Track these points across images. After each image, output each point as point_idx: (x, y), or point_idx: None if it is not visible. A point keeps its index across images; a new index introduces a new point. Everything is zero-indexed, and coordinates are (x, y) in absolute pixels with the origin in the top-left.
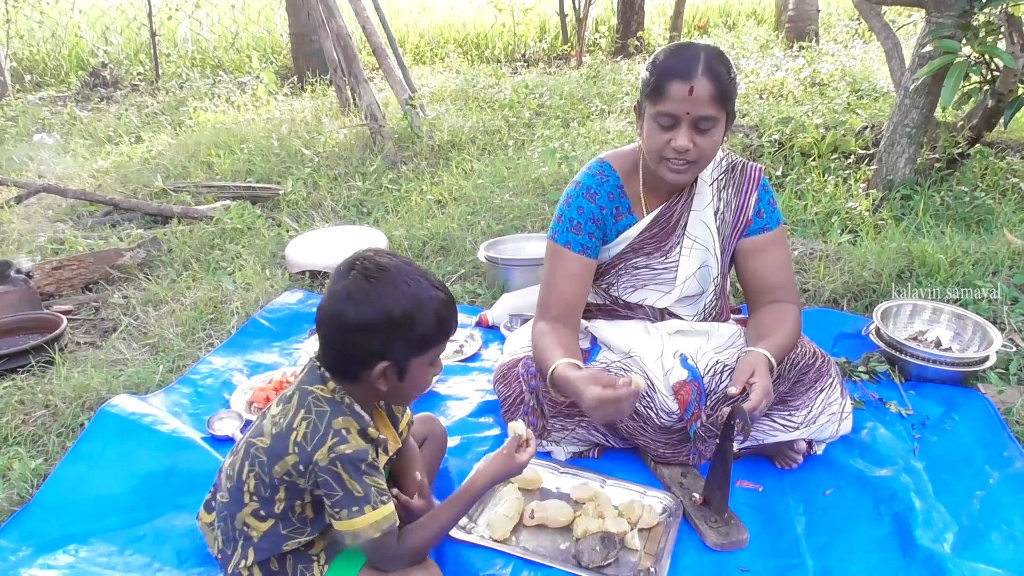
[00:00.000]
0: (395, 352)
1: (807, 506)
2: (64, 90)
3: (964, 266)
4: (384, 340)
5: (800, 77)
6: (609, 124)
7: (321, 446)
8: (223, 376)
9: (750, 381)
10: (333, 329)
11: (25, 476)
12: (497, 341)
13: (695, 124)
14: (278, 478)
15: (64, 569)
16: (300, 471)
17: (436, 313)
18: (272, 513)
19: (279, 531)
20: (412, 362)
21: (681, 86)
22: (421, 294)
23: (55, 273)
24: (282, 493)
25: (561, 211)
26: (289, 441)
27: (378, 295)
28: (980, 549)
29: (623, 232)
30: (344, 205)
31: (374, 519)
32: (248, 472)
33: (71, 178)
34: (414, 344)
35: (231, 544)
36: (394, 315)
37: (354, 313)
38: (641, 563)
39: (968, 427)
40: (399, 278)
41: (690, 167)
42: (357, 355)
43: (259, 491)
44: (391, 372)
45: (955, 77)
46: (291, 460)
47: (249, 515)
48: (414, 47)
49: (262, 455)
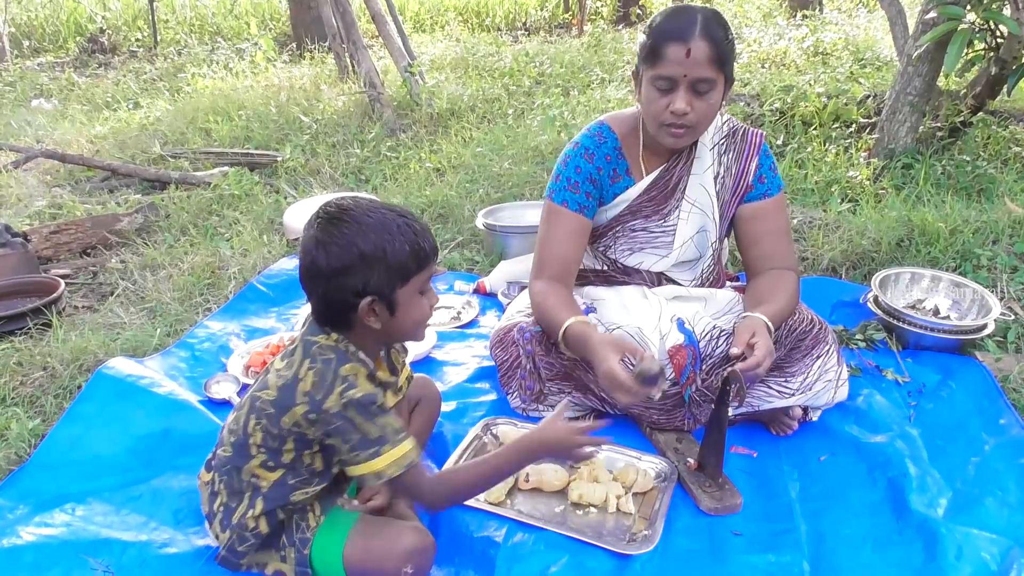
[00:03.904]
0: (375, 286)
1: (801, 472)
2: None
3: (964, 235)
4: (362, 276)
5: (803, 46)
6: (609, 92)
7: (331, 393)
8: (220, 340)
9: (751, 341)
10: (312, 279)
11: (23, 436)
12: (495, 308)
13: (693, 86)
14: (287, 429)
15: (61, 527)
16: (310, 420)
17: (406, 240)
18: (280, 463)
19: (287, 481)
20: (397, 293)
21: (678, 48)
22: (387, 224)
23: (53, 237)
24: (290, 444)
25: (559, 170)
26: (296, 391)
27: (343, 235)
28: (974, 514)
29: (620, 194)
30: (342, 172)
31: (393, 457)
32: (255, 425)
33: (69, 144)
34: (394, 274)
35: (236, 496)
36: (364, 250)
37: (325, 258)
38: (635, 527)
39: (965, 394)
40: (361, 214)
41: (688, 131)
42: (341, 298)
43: (267, 443)
44: (380, 308)
45: (958, 44)
46: (300, 410)
47: (258, 466)
48: (414, 15)
49: (269, 408)
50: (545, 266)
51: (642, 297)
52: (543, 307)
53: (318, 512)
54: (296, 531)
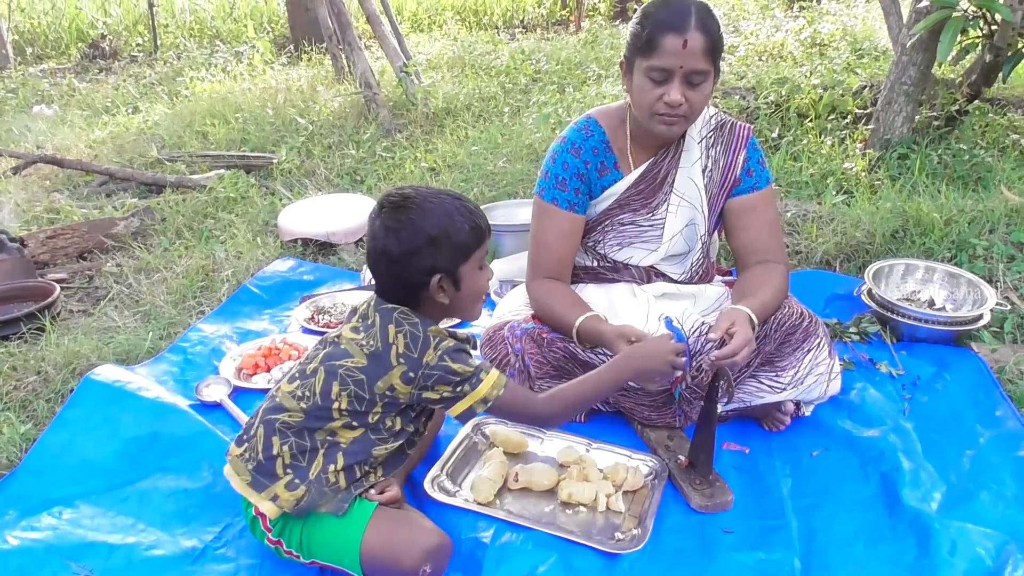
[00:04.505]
0: (442, 264)
1: (793, 467)
2: (64, 62)
3: (959, 224)
4: (430, 257)
5: (800, 38)
6: (605, 88)
7: (427, 349)
8: (212, 343)
9: (731, 331)
10: (385, 263)
11: (14, 441)
12: (488, 307)
13: (687, 78)
14: (380, 393)
15: (47, 531)
16: (410, 378)
17: (465, 220)
18: (364, 423)
19: (369, 437)
20: (461, 269)
21: (675, 39)
22: (447, 207)
23: (50, 242)
24: (379, 408)
25: (547, 167)
26: (391, 355)
27: (411, 221)
28: (968, 508)
29: (608, 188)
30: (338, 173)
31: (492, 380)
32: (340, 391)
33: (68, 149)
34: (458, 252)
35: (307, 455)
36: (431, 232)
37: (396, 243)
38: (624, 525)
39: (960, 387)
40: (423, 201)
41: (681, 120)
42: (413, 278)
43: (352, 407)
44: (447, 283)
45: (952, 31)
46: (398, 372)
47: (340, 427)
48: (412, 14)
49: (358, 375)
50: (541, 266)
51: (631, 296)
52: (548, 307)
53: (379, 474)
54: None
